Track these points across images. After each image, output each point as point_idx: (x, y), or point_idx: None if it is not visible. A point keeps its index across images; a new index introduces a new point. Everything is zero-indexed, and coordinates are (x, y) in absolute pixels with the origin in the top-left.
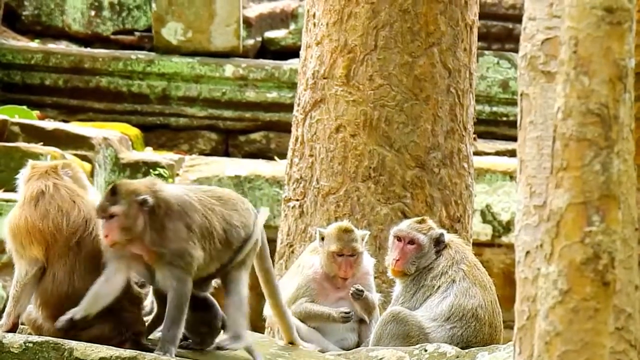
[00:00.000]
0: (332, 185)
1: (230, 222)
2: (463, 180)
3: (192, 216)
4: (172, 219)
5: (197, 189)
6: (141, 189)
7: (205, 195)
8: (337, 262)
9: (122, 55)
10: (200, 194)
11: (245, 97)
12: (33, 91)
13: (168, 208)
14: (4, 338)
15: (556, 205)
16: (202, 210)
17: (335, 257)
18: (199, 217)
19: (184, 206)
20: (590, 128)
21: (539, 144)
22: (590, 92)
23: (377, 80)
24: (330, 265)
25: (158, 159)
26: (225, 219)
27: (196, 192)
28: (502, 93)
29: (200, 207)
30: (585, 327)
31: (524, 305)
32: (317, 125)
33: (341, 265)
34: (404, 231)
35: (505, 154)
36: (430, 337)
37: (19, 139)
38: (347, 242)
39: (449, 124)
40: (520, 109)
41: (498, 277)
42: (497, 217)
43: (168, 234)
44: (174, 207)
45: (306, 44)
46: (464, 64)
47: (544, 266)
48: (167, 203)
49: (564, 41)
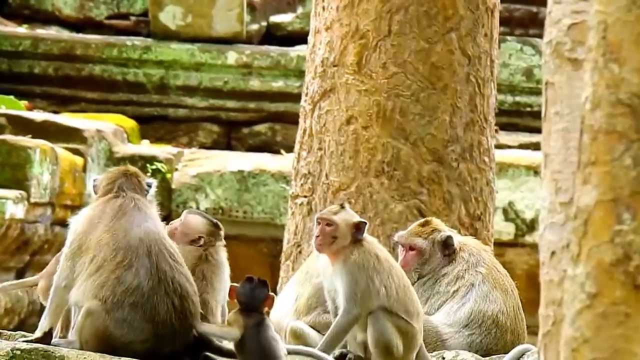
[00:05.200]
0: (343, 180)
1: None
2: (484, 176)
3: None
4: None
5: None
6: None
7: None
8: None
9: (117, 41)
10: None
11: (249, 87)
12: (21, 80)
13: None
14: None
15: (584, 203)
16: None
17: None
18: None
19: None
20: (620, 119)
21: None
22: (620, 81)
23: (391, 68)
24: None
25: (155, 152)
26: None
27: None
28: (526, 82)
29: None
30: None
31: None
32: (326, 116)
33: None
34: (403, 237)
35: (529, 147)
36: (447, 344)
37: (6, 132)
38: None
39: (468, 115)
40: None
41: (521, 279)
42: (520, 215)
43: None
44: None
45: (315, 29)
46: (485, 50)
47: (571, 268)
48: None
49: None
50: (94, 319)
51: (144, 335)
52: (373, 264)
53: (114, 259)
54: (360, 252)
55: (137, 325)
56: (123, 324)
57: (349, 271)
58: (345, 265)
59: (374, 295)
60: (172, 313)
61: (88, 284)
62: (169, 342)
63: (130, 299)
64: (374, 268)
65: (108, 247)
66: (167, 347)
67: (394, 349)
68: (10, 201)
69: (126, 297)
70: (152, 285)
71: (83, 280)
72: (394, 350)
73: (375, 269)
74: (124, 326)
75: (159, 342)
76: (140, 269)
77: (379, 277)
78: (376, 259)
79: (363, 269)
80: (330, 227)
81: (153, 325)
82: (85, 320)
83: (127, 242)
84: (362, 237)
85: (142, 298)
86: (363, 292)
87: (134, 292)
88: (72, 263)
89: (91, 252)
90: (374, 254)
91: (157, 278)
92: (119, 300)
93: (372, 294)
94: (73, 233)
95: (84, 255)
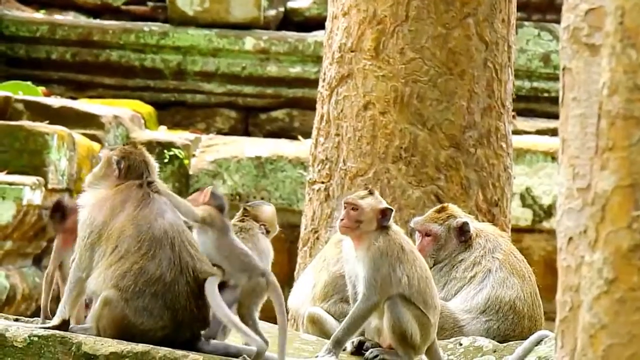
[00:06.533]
0: (360, 166)
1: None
2: (501, 161)
3: None
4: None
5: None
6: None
7: None
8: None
9: (134, 27)
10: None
11: (267, 72)
12: (38, 66)
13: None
14: (6, 331)
15: (601, 188)
16: None
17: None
18: None
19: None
20: (638, 105)
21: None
22: (638, 67)
23: (408, 53)
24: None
25: (173, 138)
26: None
27: None
28: (543, 67)
29: None
30: (632, 319)
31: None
32: (344, 102)
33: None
34: (419, 223)
35: (546, 132)
36: (464, 330)
37: (23, 117)
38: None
39: (485, 101)
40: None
41: (538, 265)
42: (537, 201)
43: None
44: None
45: (332, 15)
46: (502, 35)
47: (588, 253)
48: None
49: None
50: (112, 307)
51: (164, 322)
52: (397, 252)
53: (138, 251)
54: (385, 240)
55: (156, 313)
56: (143, 312)
57: (372, 258)
58: (369, 251)
59: (395, 283)
60: (191, 299)
61: (109, 272)
62: (187, 328)
63: (152, 288)
64: (397, 257)
65: (132, 239)
66: (186, 333)
67: (409, 336)
68: (28, 187)
69: (148, 286)
70: (174, 275)
71: (103, 269)
72: (409, 337)
73: (399, 258)
74: (144, 314)
75: (178, 329)
76: (163, 260)
77: (401, 267)
78: (400, 249)
79: (386, 257)
80: (356, 212)
81: (173, 312)
82: (103, 309)
83: (152, 233)
84: (387, 223)
85: (163, 287)
86: (384, 280)
87: (156, 282)
88: (91, 253)
89: (113, 242)
90: (398, 244)
91: (179, 268)
92: (140, 290)
93: (393, 282)
94: (91, 223)
95: (105, 244)
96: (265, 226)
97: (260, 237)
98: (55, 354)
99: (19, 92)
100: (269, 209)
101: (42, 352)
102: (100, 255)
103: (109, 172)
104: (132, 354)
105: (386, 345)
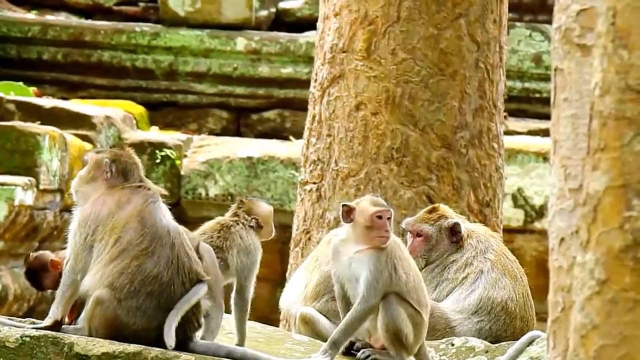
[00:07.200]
0: (352, 167)
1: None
2: (493, 162)
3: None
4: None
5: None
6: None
7: None
8: (378, 224)
9: (126, 27)
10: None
11: (258, 73)
12: (30, 66)
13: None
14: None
15: (593, 189)
16: None
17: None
18: None
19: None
20: (630, 105)
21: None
22: (630, 67)
23: (400, 54)
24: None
25: (164, 139)
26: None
27: None
28: (535, 68)
29: None
30: (624, 320)
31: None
32: (335, 102)
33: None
34: (410, 224)
35: (538, 133)
36: (456, 330)
37: (15, 118)
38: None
39: (477, 101)
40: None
41: (530, 265)
42: (529, 202)
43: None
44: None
45: (324, 15)
46: (494, 36)
47: (580, 254)
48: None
49: (602, 12)
50: (104, 307)
51: (157, 322)
52: (396, 251)
53: (139, 245)
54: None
55: (150, 313)
56: (136, 312)
57: (377, 260)
58: (374, 253)
59: (394, 282)
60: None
61: (107, 270)
62: (180, 329)
63: (148, 288)
64: (398, 257)
65: (136, 232)
66: (179, 333)
67: (404, 336)
68: (20, 188)
69: (144, 286)
70: (171, 275)
71: (102, 266)
72: (403, 337)
73: (400, 257)
74: (137, 314)
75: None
76: (162, 258)
77: (401, 265)
78: (397, 247)
79: (389, 259)
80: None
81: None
82: (95, 308)
83: (156, 230)
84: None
85: (160, 287)
86: (385, 282)
87: (152, 281)
88: (89, 253)
89: (117, 233)
90: (395, 241)
91: (176, 268)
92: (136, 289)
93: (392, 282)
94: (96, 217)
95: (107, 237)
96: (257, 220)
97: (244, 234)
98: (47, 354)
99: (11, 92)
100: (266, 207)
101: (34, 353)
102: (100, 249)
103: (98, 174)
104: (125, 354)
105: (379, 346)
